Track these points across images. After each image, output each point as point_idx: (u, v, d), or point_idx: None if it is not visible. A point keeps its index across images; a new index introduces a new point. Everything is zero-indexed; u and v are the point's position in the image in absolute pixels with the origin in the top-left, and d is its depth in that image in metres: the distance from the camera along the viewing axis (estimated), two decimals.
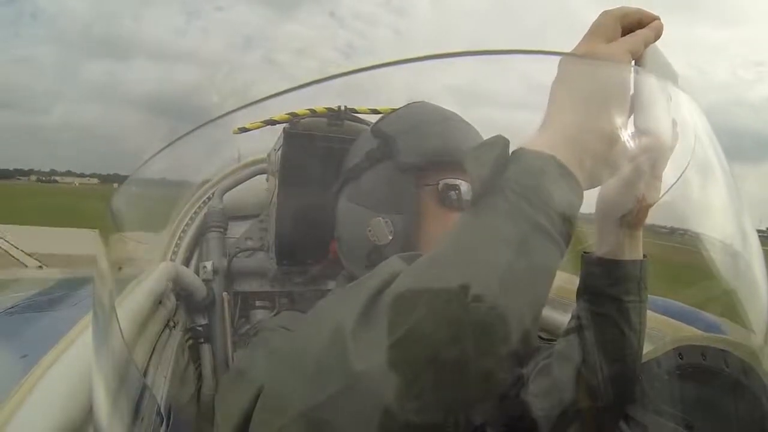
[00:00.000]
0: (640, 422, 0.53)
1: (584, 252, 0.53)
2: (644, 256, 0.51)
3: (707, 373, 0.47)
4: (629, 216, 0.48)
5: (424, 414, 0.23)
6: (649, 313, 0.66)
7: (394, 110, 0.61)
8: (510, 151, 0.29)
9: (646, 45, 0.33)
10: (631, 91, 0.33)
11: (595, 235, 0.52)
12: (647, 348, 0.56)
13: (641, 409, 0.52)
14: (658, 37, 0.34)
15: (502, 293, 0.24)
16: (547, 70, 0.33)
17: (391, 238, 0.52)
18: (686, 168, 0.48)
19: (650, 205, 0.47)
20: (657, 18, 0.34)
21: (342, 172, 0.60)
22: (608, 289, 0.50)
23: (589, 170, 0.29)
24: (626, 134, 0.31)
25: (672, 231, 0.53)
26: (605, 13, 0.33)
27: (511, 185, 0.27)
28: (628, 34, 0.34)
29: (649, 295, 0.52)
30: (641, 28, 0.34)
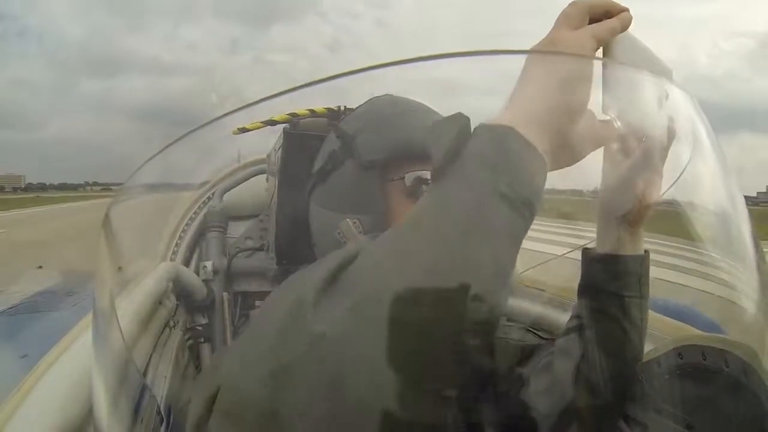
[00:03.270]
0: (640, 422, 0.53)
1: (585, 248, 0.53)
2: (645, 251, 0.51)
3: (707, 372, 0.47)
4: (630, 214, 0.49)
5: (385, 375, 0.23)
6: (649, 313, 0.66)
7: (354, 109, 0.60)
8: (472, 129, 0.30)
9: (613, 34, 0.34)
10: (597, 77, 0.34)
11: (596, 232, 0.52)
12: (647, 348, 0.56)
13: (641, 409, 0.52)
14: (625, 27, 0.35)
15: (460, 254, 0.24)
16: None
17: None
18: (686, 167, 0.48)
19: (651, 204, 0.48)
20: (625, 9, 0.35)
21: (311, 176, 0.59)
22: (608, 285, 0.50)
23: (551, 146, 0.30)
24: (589, 115, 0.32)
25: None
26: (573, 4, 0.34)
27: (471, 156, 0.28)
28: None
29: (648, 296, 0.53)
30: (609, 18, 0.35)
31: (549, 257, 0.87)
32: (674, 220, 0.50)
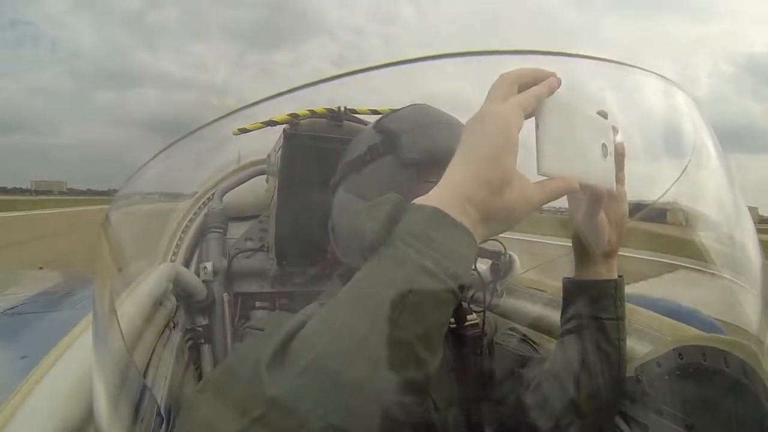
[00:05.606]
0: (641, 422, 0.53)
1: (564, 277, 0.56)
2: (619, 276, 0.53)
3: (707, 373, 0.47)
4: (600, 250, 0.51)
5: None
6: (649, 313, 0.67)
7: (396, 110, 0.61)
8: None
9: (539, 100, 0.36)
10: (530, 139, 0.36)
11: (574, 262, 0.54)
12: (647, 348, 0.56)
13: (641, 409, 0.53)
14: (551, 92, 0.36)
15: (390, 326, 0.28)
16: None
17: None
18: (686, 167, 0.48)
19: (619, 240, 0.50)
20: (552, 74, 0.37)
21: (342, 165, 0.60)
22: (586, 309, 0.53)
23: (480, 218, 0.33)
24: (519, 183, 0.34)
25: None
26: (501, 77, 0.36)
27: (400, 236, 0.31)
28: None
29: (648, 296, 0.53)
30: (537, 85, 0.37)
31: (549, 258, 0.87)
32: (678, 217, 0.51)
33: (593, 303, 0.52)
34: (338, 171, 0.61)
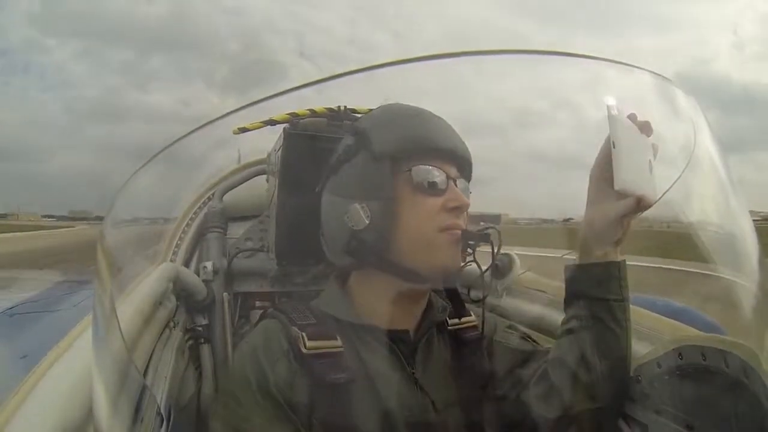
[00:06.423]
0: (640, 422, 0.53)
1: (567, 265, 0.57)
2: (622, 259, 0.54)
3: (707, 373, 0.47)
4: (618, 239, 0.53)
5: None
6: (649, 313, 0.67)
7: (368, 111, 0.65)
8: None
9: None
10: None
11: (579, 250, 0.55)
12: (647, 348, 0.56)
13: (641, 409, 0.53)
14: None
15: None
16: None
17: (367, 222, 0.54)
18: (686, 167, 0.48)
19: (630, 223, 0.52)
20: None
21: (325, 171, 0.62)
22: (592, 291, 0.54)
23: None
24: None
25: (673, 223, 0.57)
26: None
27: None
28: None
29: (649, 296, 0.53)
30: None
31: (548, 259, 0.87)
32: (677, 215, 0.52)
33: (600, 285, 0.53)
34: (322, 177, 0.63)
